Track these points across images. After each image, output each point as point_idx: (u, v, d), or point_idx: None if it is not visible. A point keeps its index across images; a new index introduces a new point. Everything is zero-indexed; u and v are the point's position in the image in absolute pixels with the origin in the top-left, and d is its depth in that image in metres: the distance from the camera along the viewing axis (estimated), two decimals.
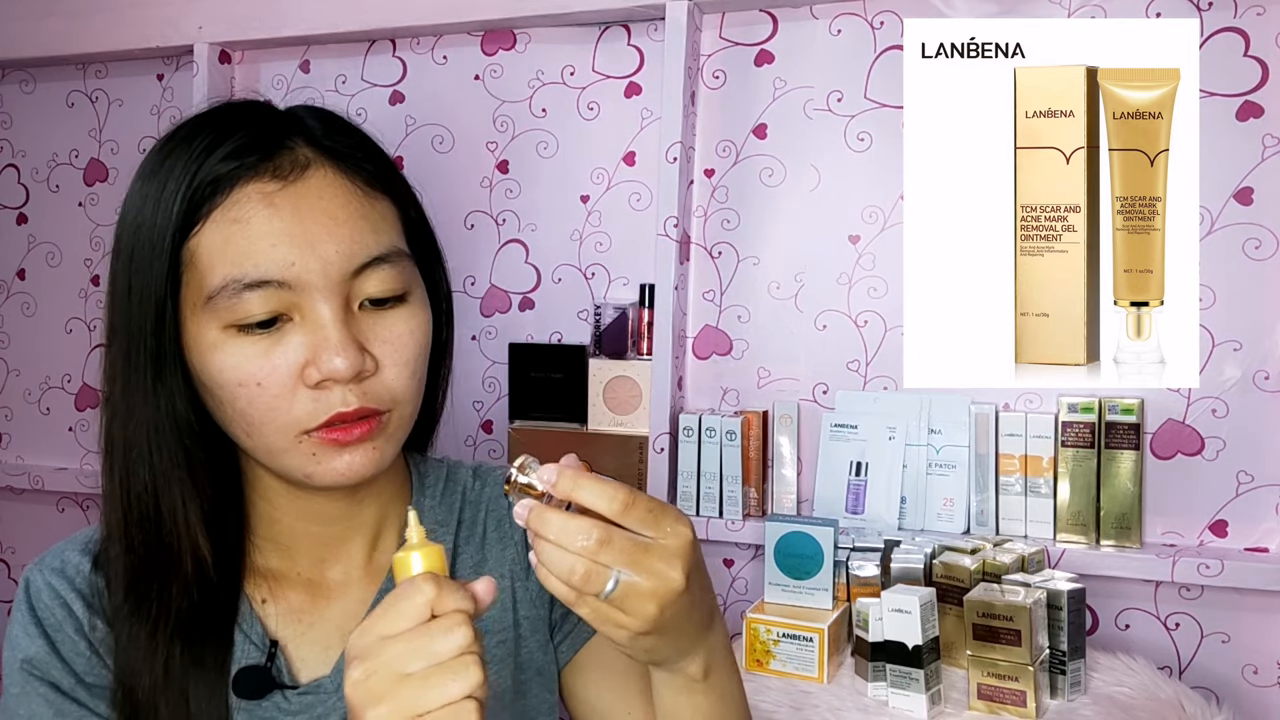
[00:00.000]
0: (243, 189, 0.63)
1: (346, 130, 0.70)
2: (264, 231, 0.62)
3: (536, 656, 0.77)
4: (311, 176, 0.64)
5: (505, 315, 1.85)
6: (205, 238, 0.62)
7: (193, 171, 0.63)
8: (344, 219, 0.64)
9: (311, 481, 0.65)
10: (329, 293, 0.62)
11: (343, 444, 0.64)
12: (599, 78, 1.81)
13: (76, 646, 0.67)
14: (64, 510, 2.18)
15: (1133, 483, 1.46)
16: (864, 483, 1.61)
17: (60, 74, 2.17)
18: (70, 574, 0.69)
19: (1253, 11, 1.46)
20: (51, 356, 2.19)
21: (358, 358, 0.62)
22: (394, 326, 0.66)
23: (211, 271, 0.62)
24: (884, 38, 1.63)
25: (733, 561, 1.72)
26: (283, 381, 0.62)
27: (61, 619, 0.68)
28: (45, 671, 0.67)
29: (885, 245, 1.63)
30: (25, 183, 2.22)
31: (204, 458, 0.67)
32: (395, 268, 0.66)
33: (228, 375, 0.63)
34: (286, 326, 0.63)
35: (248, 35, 1.93)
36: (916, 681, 1.18)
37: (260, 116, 0.67)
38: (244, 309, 0.62)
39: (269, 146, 0.64)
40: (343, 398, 0.63)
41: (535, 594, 0.77)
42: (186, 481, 0.66)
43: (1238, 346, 1.47)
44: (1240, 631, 1.48)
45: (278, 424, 0.63)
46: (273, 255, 0.61)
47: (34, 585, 0.69)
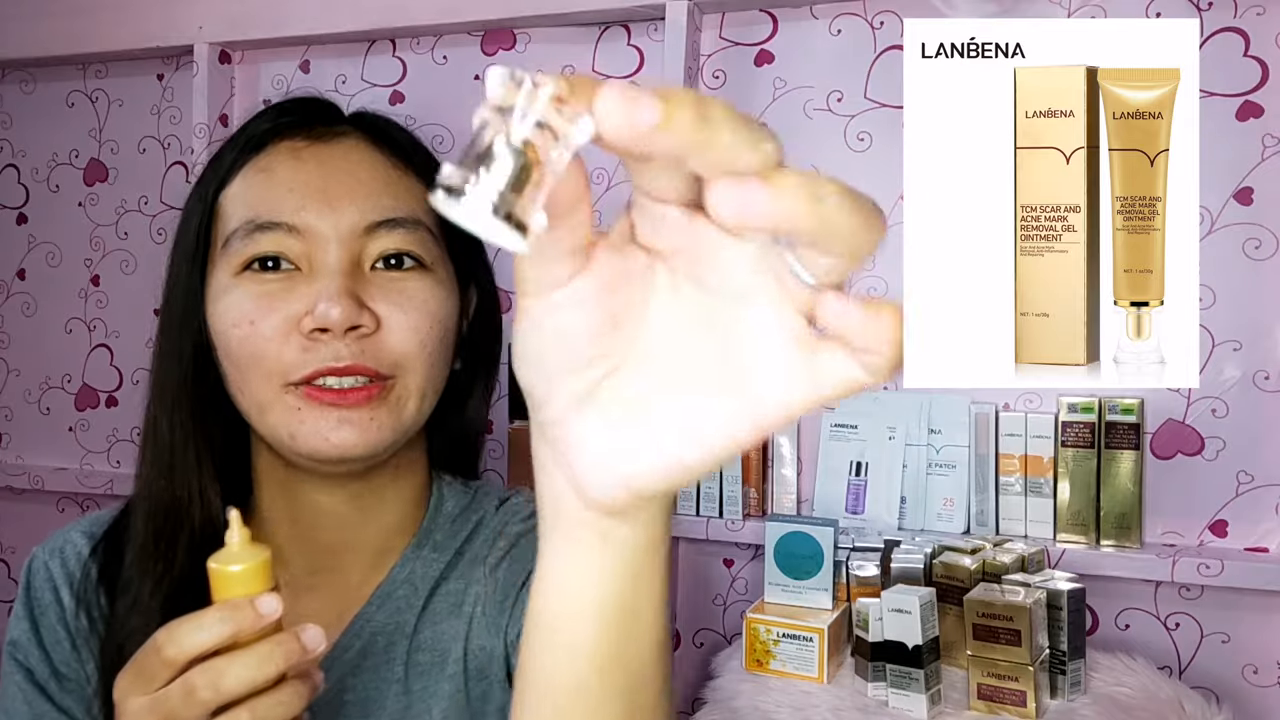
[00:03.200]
0: (276, 145, 0.65)
1: (396, 125, 0.71)
2: (284, 179, 0.63)
3: (494, 692, 0.69)
4: (344, 141, 0.66)
5: (505, 315, 1.85)
6: (234, 187, 0.65)
7: (240, 139, 0.66)
8: (367, 180, 0.65)
9: (294, 445, 0.62)
10: (338, 245, 0.62)
11: (334, 405, 0.61)
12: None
13: (56, 634, 0.67)
14: (64, 510, 2.18)
15: (1133, 483, 1.46)
16: (864, 483, 1.61)
17: (60, 74, 2.17)
18: (67, 555, 0.69)
19: (1253, 11, 1.46)
20: (51, 356, 2.19)
21: (353, 308, 0.61)
22: (404, 289, 0.64)
23: (232, 217, 0.64)
24: (884, 38, 1.63)
25: (733, 561, 1.72)
26: (276, 325, 0.61)
27: (48, 603, 0.68)
28: (25, 657, 0.67)
29: (885, 245, 1.62)
30: (25, 183, 2.22)
31: (219, 417, 0.67)
32: (412, 234, 0.65)
33: (229, 316, 0.63)
34: (296, 277, 0.63)
35: (248, 35, 1.93)
36: (916, 681, 1.18)
37: (316, 101, 0.70)
38: (253, 248, 0.62)
39: (312, 118, 0.67)
40: (335, 352, 0.61)
41: (492, 620, 0.69)
42: (199, 437, 0.66)
43: (1238, 346, 1.47)
44: (1240, 631, 1.48)
45: (264, 369, 0.61)
46: (288, 199, 0.62)
47: (34, 565, 0.70)
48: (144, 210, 2.12)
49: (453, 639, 0.70)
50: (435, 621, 0.70)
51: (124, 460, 2.14)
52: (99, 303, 2.15)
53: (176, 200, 2.06)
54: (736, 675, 1.32)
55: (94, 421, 2.17)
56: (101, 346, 2.15)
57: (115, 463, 2.15)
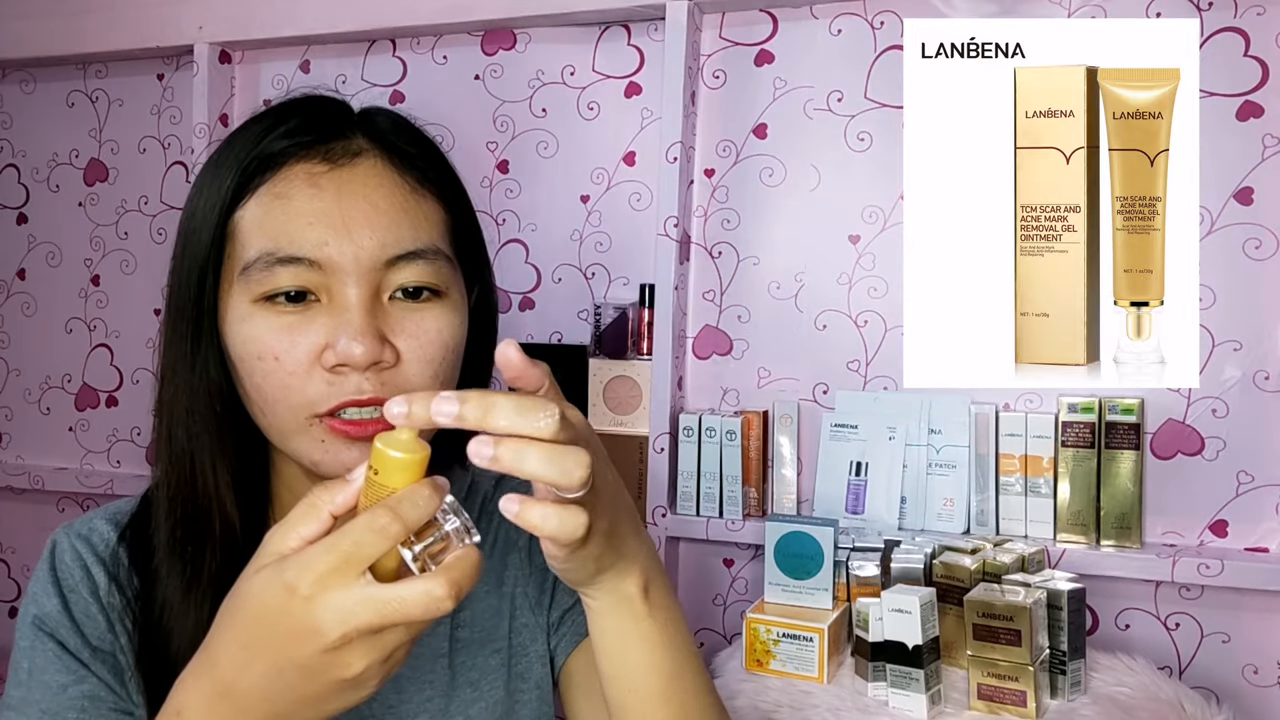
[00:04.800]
0: (291, 168, 0.64)
1: (411, 131, 0.71)
2: (303, 210, 0.63)
3: (534, 669, 0.76)
4: (361, 164, 0.66)
5: (505, 315, 1.85)
6: (249, 211, 0.64)
7: (249, 149, 0.65)
8: (386, 209, 0.65)
9: (319, 470, 0.65)
10: (359, 278, 0.63)
11: (353, 438, 0.63)
12: (599, 78, 1.81)
13: (89, 609, 0.68)
14: (64, 510, 2.17)
15: (1133, 483, 1.46)
16: (864, 483, 1.61)
17: (60, 74, 2.17)
18: (95, 541, 0.70)
19: (1253, 11, 1.46)
20: (51, 356, 2.19)
21: (376, 345, 0.62)
22: (422, 322, 0.65)
23: (249, 244, 0.63)
24: (884, 38, 1.63)
25: (733, 561, 1.72)
26: (299, 360, 0.62)
27: (78, 580, 0.69)
28: (54, 629, 0.67)
29: (885, 245, 1.63)
30: (25, 183, 2.22)
31: (235, 428, 0.68)
32: (431, 265, 0.65)
33: (250, 347, 0.63)
34: (314, 307, 0.63)
35: (248, 35, 1.93)
36: (916, 681, 1.18)
37: (325, 106, 0.69)
38: (273, 282, 0.62)
39: (326, 132, 0.66)
40: (358, 385, 0.62)
41: (534, 600, 0.77)
42: (216, 447, 0.67)
43: (1238, 346, 1.47)
44: (1240, 631, 1.48)
45: (290, 403, 0.63)
46: (308, 233, 0.62)
47: (59, 546, 0.71)
48: (144, 210, 2.12)
49: (496, 616, 0.76)
50: (473, 600, 0.74)
51: (124, 460, 2.14)
52: (99, 303, 2.15)
53: (176, 200, 2.07)
54: (736, 675, 1.31)
55: (94, 421, 2.16)
56: (101, 346, 2.15)
57: (115, 463, 2.15)
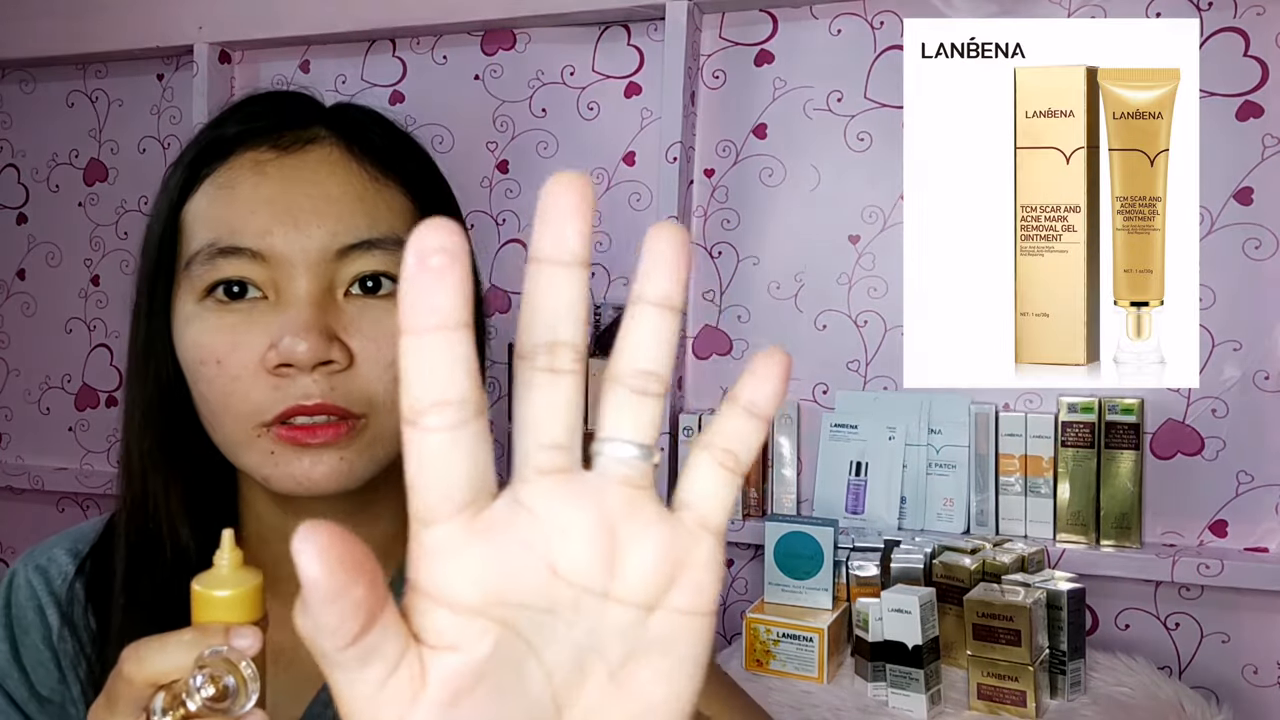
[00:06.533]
0: (239, 156, 0.60)
1: (382, 123, 0.65)
2: (247, 198, 0.58)
3: None
4: (313, 152, 0.60)
5: (505, 315, 1.85)
6: (195, 203, 0.59)
7: (201, 143, 0.61)
8: (338, 197, 0.59)
9: (269, 486, 0.59)
10: (306, 270, 0.57)
11: (303, 445, 0.57)
12: (599, 78, 1.80)
13: (40, 655, 0.64)
14: (64, 510, 2.18)
15: (1133, 483, 1.46)
16: (864, 483, 1.61)
17: (60, 74, 2.17)
18: (52, 575, 0.66)
19: (1253, 11, 1.46)
20: (51, 356, 2.19)
21: (321, 343, 0.55)
22: (379, 320, 0.58)
23: (194, 238, 0.59)
24: (884, 38, 1.63)
25: (733, 561, 1.72)
26: (243, 362, 0.56)
27: (30, 622, 0.65)
28: (2, 679, 0.64)
29: (885, 245, 1.63)
30: (25, 183, 2.21)
31: (191, 445, 0.62)
32: (391, 255, 0.59)
33: (193, 352, 0.58)
34: (260, 306, 0.57)
35: (248, 35, 1.93)
36: (916, 681, 1.18)
37: (289, 98, 0.64)
38: (215, 274, 0.57)
39: (281, 121, 0.61)
40: (304, 389, 0.56)
41: None
42: (170, 466, 0.62)
43: (1238, 346, 1.47)
44: (1240, 631, 1.48)
45: (235, 411, 0.57)
46: (251, 222, 0.57)
47: (15, 582, 0.66)
48: (144, 210, 2.12)
49: None
50: None
51: None
52: (99, 303, 2.15)
53: None
54: (736, 675, 1.31)
55: (94, 421, 2.16)
56: (101, 346, 2.15)
57: (115, 463, 2.15)
